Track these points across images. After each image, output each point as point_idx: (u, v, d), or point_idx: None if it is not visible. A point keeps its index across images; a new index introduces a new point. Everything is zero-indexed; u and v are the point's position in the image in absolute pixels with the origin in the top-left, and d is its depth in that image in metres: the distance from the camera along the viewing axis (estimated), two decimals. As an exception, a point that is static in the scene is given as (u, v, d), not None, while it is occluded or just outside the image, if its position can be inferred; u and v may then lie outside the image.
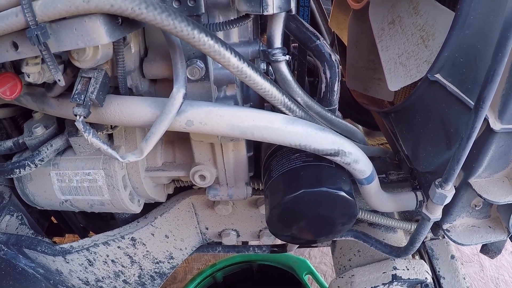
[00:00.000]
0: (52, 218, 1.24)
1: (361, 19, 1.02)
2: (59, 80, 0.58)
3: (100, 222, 1.23)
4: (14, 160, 0.87)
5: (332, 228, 0.79)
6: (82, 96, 0.61)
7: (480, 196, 0.73)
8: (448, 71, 0.70)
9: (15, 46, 0.56)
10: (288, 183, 0.73)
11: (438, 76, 0.71)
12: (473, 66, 0.66)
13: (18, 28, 0.52)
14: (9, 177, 0.86)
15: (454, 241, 0.83)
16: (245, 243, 1.38)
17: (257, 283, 1.68)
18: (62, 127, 0.88)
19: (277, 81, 0.68)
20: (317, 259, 2.10)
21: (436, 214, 0.75)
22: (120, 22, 0.54)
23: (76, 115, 0.61)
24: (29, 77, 0.63)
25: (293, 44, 1.15)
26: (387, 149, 1.05)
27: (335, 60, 0.76)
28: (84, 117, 0.62)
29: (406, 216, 1.10)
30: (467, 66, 0.67)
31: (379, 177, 0.82)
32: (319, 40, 0.75)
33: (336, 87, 0.78)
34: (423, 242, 1.09)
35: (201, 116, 0.61)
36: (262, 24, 0.82)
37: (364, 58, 1.05)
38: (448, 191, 0.70)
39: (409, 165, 0.95)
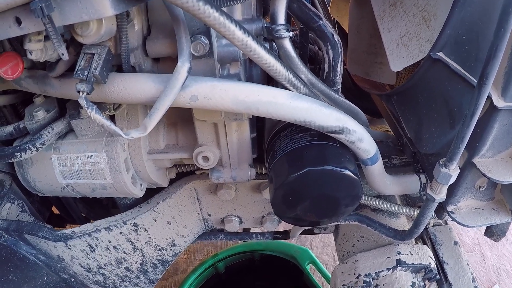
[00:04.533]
0: (53, 208, 1.24)
1: (362, 4, 1.02)
2: (62, 54, 0.58)
3: (102, 210, 1.22)
4: (15, 144, 0.86)
5: (336, 209, 0.78)
6: (85, 72, 0.61)
7: (485, 176, 0.73)
8: (450, 49, 0.70)
9: (18, 21, 0.56)
10: (292, 162, 0.73)
11: (440, 54, 0.71)
12: (475, 43, 0.67)
13: (22, 2, 0.52)
14: (10, 161, 0.85)
15: (459, 223, 0.83)
16: (246, 231, 1.37)
17: (259, 272, 1.67)
18: (63, 111, 0.87)
19: (281, 57, 0.68)
20: (319, 249, 2.10)
21: (440, 194, 0.74)
22: (125, -6, 0.54)
23: (79, 92, 0.61)
24: (31, 55, 0.62)
25: (294, 32, 1.15)
26: (389, 134, 1.05)
27: (338, 40, 0.76)
28: (87, 94, 0.61)
29: (409, 202, 1.10)
30: (469, 44, 0.67)
31: (381, 162, 0.82)
32: (322, 20, 0.75)
33: (339, 67, 0.78)
34: (426, 228, 1.09)
35: (206, 91, 0.61)
36: (265, 8, 0.82)
37: (365, 42, 1.05)
38: (453, 171, 0.70)
39: (411, 148, 0.95)
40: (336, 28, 1.27)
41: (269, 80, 0.80)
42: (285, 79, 0.65)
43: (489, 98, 0.64)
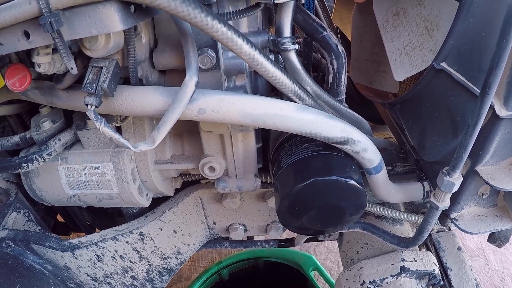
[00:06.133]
0: (58, 217, 1.24)
1: (364, 12, 1.03)
2: (71, 68, 0.58)
3: (107, 219, 1.23)
4: (21, 154, 0.87)
5: (341, 218, 0.79)
6: (94, 85, 0.61)
7: (488, 183, 0.74)
8: (453, 59, 0.71)
9: (27, 35, 0.56)
10: (298, 172, 0.73)
11: (443, 64, 0.72)
12: (478, 54, 0.67)
13: (31, 16, 0.53)
14: (17, 171, 0.86)
15: (462, 230, 0.84)
16: (250, 238, 1.37)
17: (263, 279, 1.67)
18: (70, 121, 0.88)
19: (286, 70, 0.69)
20: (323, 256, 2.10)
21: (444, 202, 0.75)
22: (133, 9, 0.55)
23: (87, 105, 0.61)
24: (39, 68, 0.63)
25: (298, 40, 1.16)
26: (392, 142, 1.06)
27: (342, 50, 0.77)
28: (96, 107, 0.62)
29: (412, 209, 1.11)
30: (472, 54, 0.68)
31: (385, 169, 0.82)
32: (326, 31, 0.76)
33: (343, 77, 0.79)
34: (430, 235, 1.09)
35: (213, 104, 0.62)
36: (269, 17, 0.83)
37: (368, 51, 1.06)
38: (456, 179, 0.70)
39: (415, 156, 0.95)
40: (339, 37, 1.27)
41: (273, 88, 0.81)
42: (291, 91, 0.65)
43: (491, 107, 0.65)
